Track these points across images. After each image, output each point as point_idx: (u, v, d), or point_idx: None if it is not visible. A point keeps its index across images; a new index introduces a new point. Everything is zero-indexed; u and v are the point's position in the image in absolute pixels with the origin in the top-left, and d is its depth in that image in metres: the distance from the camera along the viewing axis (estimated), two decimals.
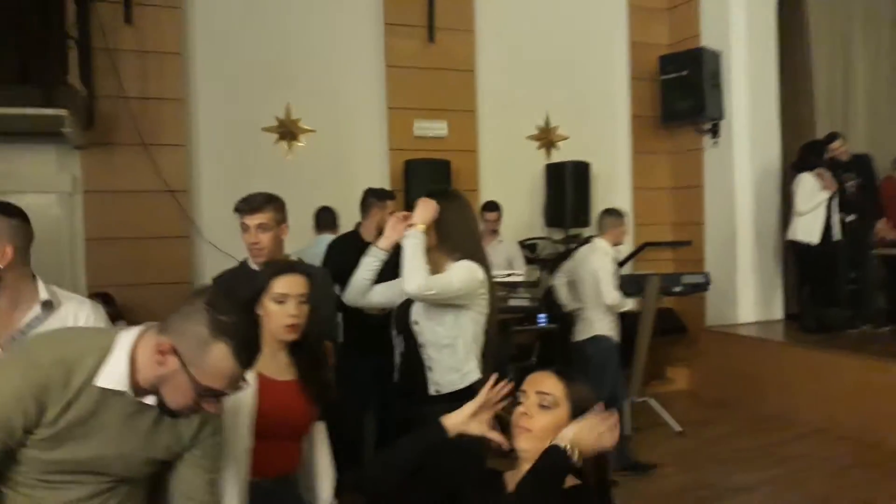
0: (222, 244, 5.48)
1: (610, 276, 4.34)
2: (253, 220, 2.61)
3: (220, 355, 1.43)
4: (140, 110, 5.34)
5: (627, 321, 5.96)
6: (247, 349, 1.47)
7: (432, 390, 2.41)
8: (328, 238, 4.85)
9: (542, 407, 1.61)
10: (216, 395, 1.47)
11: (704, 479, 3.59)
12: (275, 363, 2.03)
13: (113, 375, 1.48)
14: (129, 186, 5.38)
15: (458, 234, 2.48)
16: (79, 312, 1.99)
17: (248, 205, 2.63)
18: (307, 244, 4.83)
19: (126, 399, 1.51)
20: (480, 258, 2.48)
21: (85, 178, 5.34)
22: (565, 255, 6.49)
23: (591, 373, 4.32)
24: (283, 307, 2.02)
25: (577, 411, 1.61)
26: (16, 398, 1.43)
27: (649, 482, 4.24)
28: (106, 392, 1.49)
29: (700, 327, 6.59)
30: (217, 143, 5.70)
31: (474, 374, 2.43)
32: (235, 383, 1.49)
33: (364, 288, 2.52)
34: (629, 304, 4.50)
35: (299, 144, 5.97)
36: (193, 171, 5.65)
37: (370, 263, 2.52)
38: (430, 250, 2.42)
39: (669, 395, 6.14)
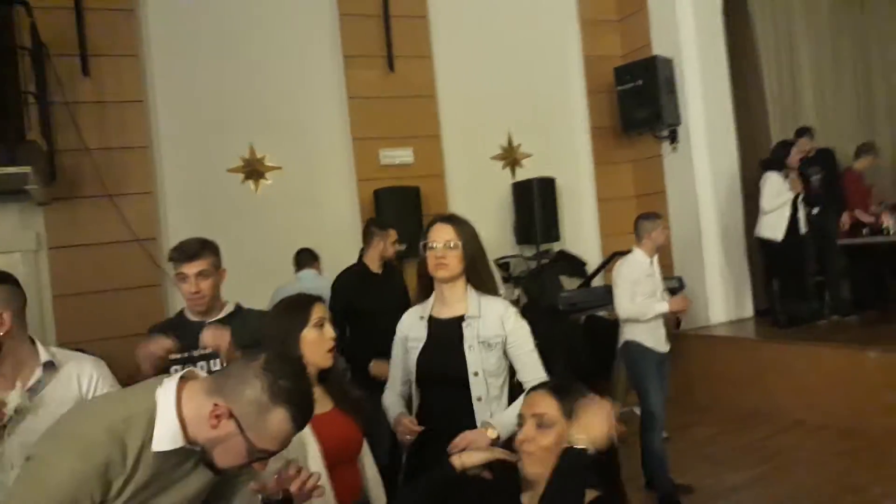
0: None
1: (625, 287, 4.13)
2: (191, 269, 2.46)
3: (279, 420, 1.44)
4: (103, 161, 5.29)
5: (604, 332, 6.06)
6: (304, 412, 1.49)
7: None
8: (310, 273, 4.87)
9: (541, 427, 1.63)
10: (269, 456, 1.48)
11: (697, 482, 3.64)
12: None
13: (167, 438, 1.46)
14: (95, 239, 5.31)
15: (485, 264, 2.34)
16: (81, 371, 1.97)
17: (185, 253, 2.49)
18: (287, 281, 4.82)
19: (182, 451, 1.50)
20: (496, 290, 2.35)
21: (49, 234, 5.26)
22: (538, 272, 6.58)
23: (630, 381, 4.35)
24: (322, 332, 2.03)
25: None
26: (80, 482, 1.39)
27: (635, 491, 4.28)
28: (164, 453, 1.48)
29: (673, 331, 6.67)
30: (183, 187, 5.67)
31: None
32: (287, 444, 1.50)
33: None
34: (656, 310, 4.09)
35: (266, 182, 5.97)
36: (161, 218, 5.61)
37: None
38: (453, 278, 2.27)
39: None
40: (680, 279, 5.83)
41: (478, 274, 2.29)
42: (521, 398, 2.06)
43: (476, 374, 2.20)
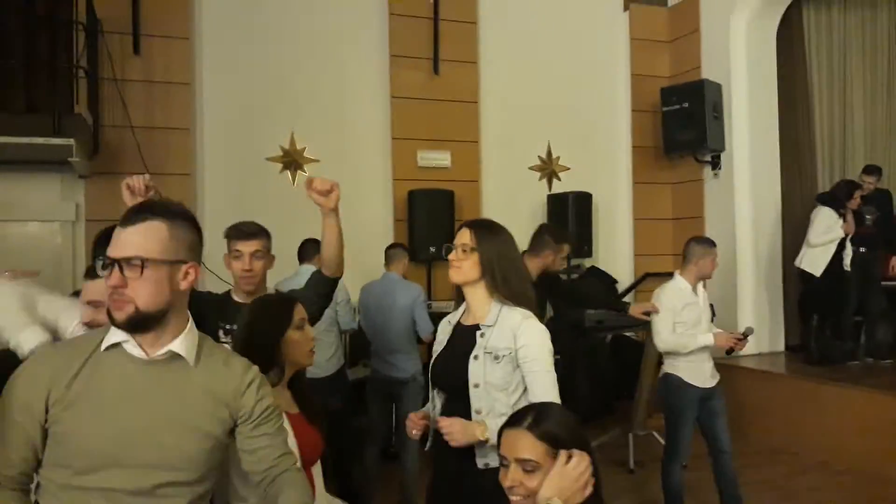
0: (224, 273, 5.48)
1: (665, 316, 3.79)
2: (248, 247, 2.55)
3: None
4: (146, 140, 5.37)
5: (630, 352, 5.98)
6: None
7: (481, 464, 2.06)
8: (310, 268, 4.79)
9: (527, 472, 1.53)
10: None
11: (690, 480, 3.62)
12: (283, 398, 2.02)
13: (115, 336, 1.51)
14: None
15: (505, 269, 2.15)
16: None
17: (243, 231, 2.57)
18: (287, 276, 4.77)
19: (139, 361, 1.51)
20: (530, 301, 2.17)
21: (88, 206, 5.34)
22: (567, 286, 6.50)
23: (664, 411, 3.96)
24: (303, 333, 2.03)
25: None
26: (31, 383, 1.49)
27: None
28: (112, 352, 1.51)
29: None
30: (222, 172, 5.73)
31: None
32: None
33: None
34: (699, 343, 3.73)
35: (303, 174, 6.00)
36: (198, 201, 5.66)
37: None
38: (464, 285, 2.18)
39: None
40: (712, 306, 5.70)
41: (503, 282, 2.13)
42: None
43: (476, 385, 2.08)
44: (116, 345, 1.51)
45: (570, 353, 6.12)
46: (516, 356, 2.07)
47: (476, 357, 2.09)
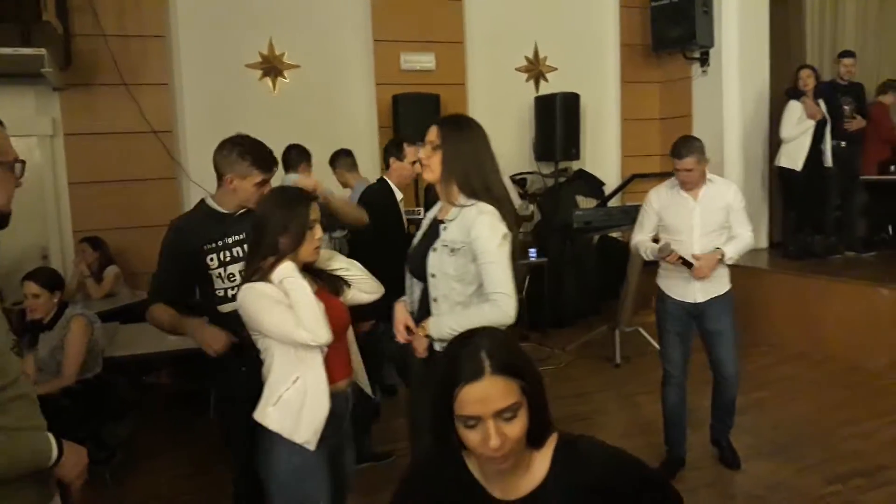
0: (209, 185, 5.42)
1: (640, 212, 3.53)
2: (270, 176, 2.46)
3: None
4: (120, 48, 5.20)
5: (618, 254, 6.06)
6: None
7: (438, 348, 2.18)
8: (294, 177, 4.76)
9: (508, 420, 1.22)
10: None
11: (697, 404, 3.70)
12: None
13: None
14: (110, 128, 5.28)
15: (468, 167, 2.18)
16: None
17: (274, 161, 2.47)
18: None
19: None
20: (499, 198, 2.20)
21: (65, 119, 5.23)
22: (555, 189, 6.52)
23: None
24: (314, 232, 2.08)
25: (535, 393, 1.26)
26: None
27: (641, 407, 4.38)
28: None
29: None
30: (200, 81, 5.58)
31: None
32: None
33: None
34: (644, 253, 3.44)
35: (284, 81, 5.86)
36: (177, 111, 5.55)
37: None
38: (437, 183, 2.24)
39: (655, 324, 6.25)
40: None
41: (463, 178, 2.18)
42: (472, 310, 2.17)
43: (433, 275, 2.22)
44: None
45: (557, 256, 6.22)
46: (470, 248, 2.15)
47: (434, 249, 2.22)
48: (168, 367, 4.94)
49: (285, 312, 1.96)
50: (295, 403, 1.99)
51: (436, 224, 2.29)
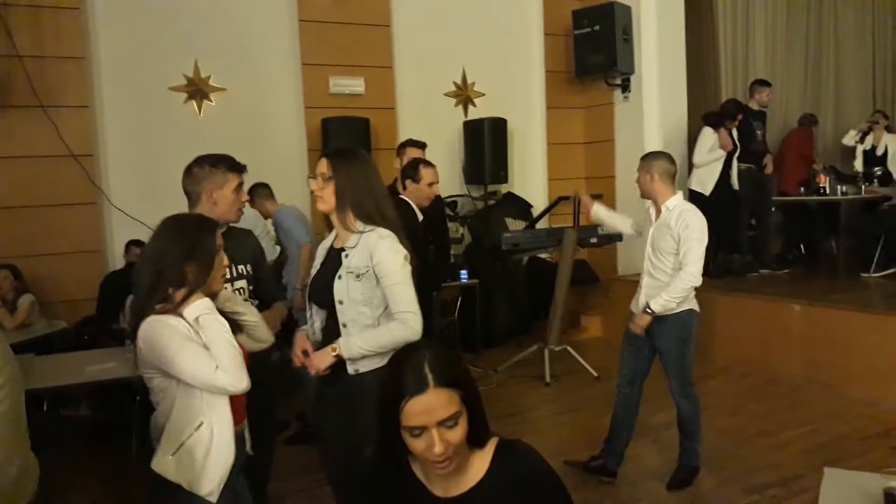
0: (132, 210, 5.30)
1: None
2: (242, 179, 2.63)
3: None
4: (36, 70, 5.02)
5: (547, 272, 6.18)
6: None
7: (351, 370, 2.24)
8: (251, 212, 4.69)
9: (450, 427, 1.32)
10: None
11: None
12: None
13: None
14: (27, 151, 5.09)
15: (362, 194, 2.26)
16: None
17: (242, 164, 2.64)
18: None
19: None
20: (392, 222, 2.29)
21: None
22: (485, 212, 6.61)
23: None
24: (220, 258, 2.03)
25: (473, 400, 1.38)
26: None
27: (571, 425, 4.47)
28: None
29: (612, 277, 6.85)
30: (123, 103, 5.45)
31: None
32: None
33: None
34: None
35: (210, 104, 5.77)
36: (98, 134, 5.39)
37: None
38: (331, 213, 2.29)
39: (585, 342, 6.40)
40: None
41: (358, 206, 2.26)
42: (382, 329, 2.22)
43: (341, 302, 2.26)
44: None
45: (488, 277, 6.30)
46: (374, 273, 2.23)
47: (340, 277, 2.27)
48: (87, 400, 4.74)
49: (201, 353, 1.80)
50: (198, 451, 1.85)
51: (335, 252, 2.34)
